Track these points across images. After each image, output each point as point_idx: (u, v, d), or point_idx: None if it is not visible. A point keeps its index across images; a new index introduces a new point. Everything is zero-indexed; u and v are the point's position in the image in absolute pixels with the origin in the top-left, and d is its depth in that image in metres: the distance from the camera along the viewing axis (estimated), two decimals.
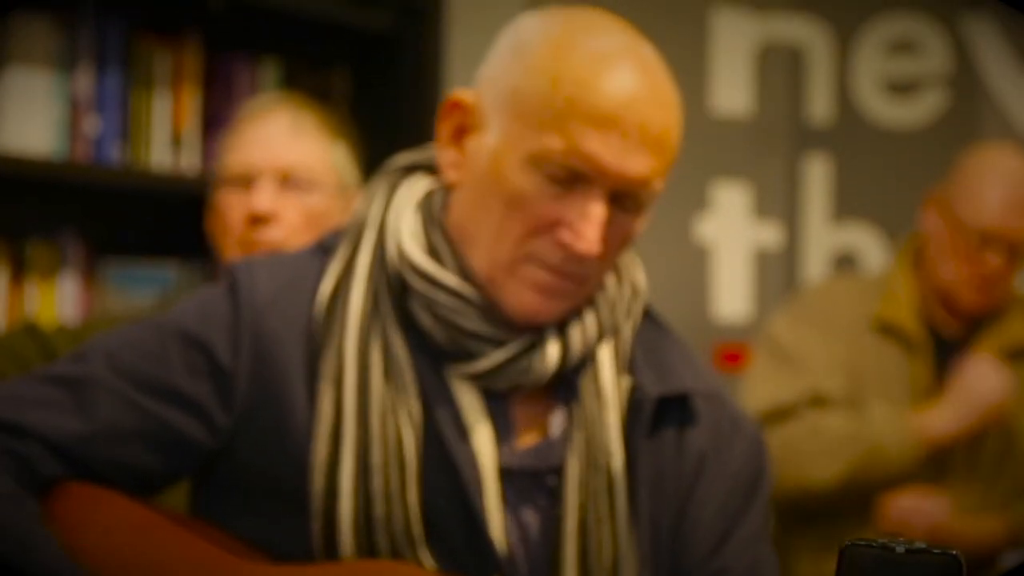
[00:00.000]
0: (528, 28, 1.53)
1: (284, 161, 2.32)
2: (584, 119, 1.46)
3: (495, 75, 1.52)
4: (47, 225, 2.85)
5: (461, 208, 1.54)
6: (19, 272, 2.77)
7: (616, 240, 1.51)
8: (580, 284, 1.52)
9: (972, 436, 2.84)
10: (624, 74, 1.48)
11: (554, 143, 1.46)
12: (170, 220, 3.07)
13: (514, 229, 1.49)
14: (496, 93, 1.51)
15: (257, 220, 2.29)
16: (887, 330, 2.93)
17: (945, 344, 2.94)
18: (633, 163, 1.47)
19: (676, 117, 1.52)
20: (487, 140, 1.51)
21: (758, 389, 2.88)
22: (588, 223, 1.47)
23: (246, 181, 2.31)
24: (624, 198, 1.49)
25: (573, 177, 1.47)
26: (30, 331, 2.35)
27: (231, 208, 2.32)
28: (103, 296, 2.90)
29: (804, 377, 2.88)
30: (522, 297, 1.50)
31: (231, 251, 2.31)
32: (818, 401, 2.86)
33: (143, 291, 2.96)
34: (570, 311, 1.53)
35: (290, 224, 2.29)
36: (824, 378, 2.89)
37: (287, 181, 2.31)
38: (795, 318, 3.00)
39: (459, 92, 1.55)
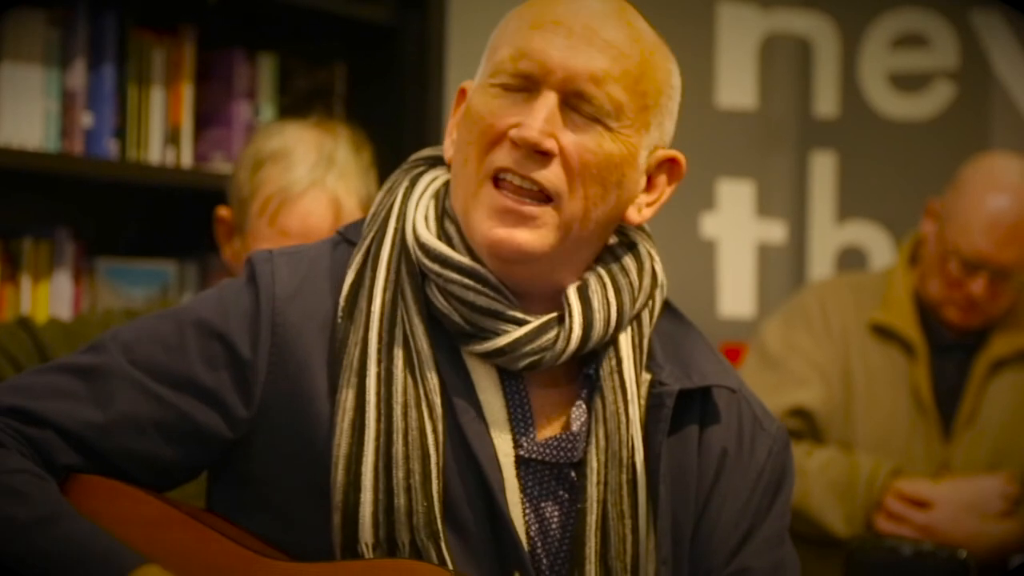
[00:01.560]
0: None
1: None
2: (531, 25, 1.51)
3: None
4: (41, 222, 2.83)
5: (452, 173, 1.56)
6: (13, 269, 2.75)
7: (584, 152, 1.50)
8: (546, 202, 1.50)
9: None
10: None
11: (504, 52, 1.50)
12: (165, 217, 3.06)
13: (475, 148, 1.51)
14: (481, 62, 1.56)
15: None
16: (885, 333, 2.91)
17: (948, 346, 2.90)
18: (579, 58, 1.49)
19: (638, 40, 1.53)
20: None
21: None
22: (534, 114, 1.48)
23: None
24: (579, 101, 1.49)
25: (525, 82, 1.50)
26: (22, 324, 2.35)
27: None
28: (97, 293, 2.89)
29: (786, 387, 2.87)
30: (482, 226, 1.50)
31: None
32: (798, 414, 2.85)
33: (137, 288, 2.95)
34: (552, 249, 1.50)
35: None
36: (807, 387, 2.87)
37: None
38: (786, 323, 2.99)
39: (466, 82, 1.59)
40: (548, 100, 1.48)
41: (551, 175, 1.49)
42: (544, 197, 1.50)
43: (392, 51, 3.17)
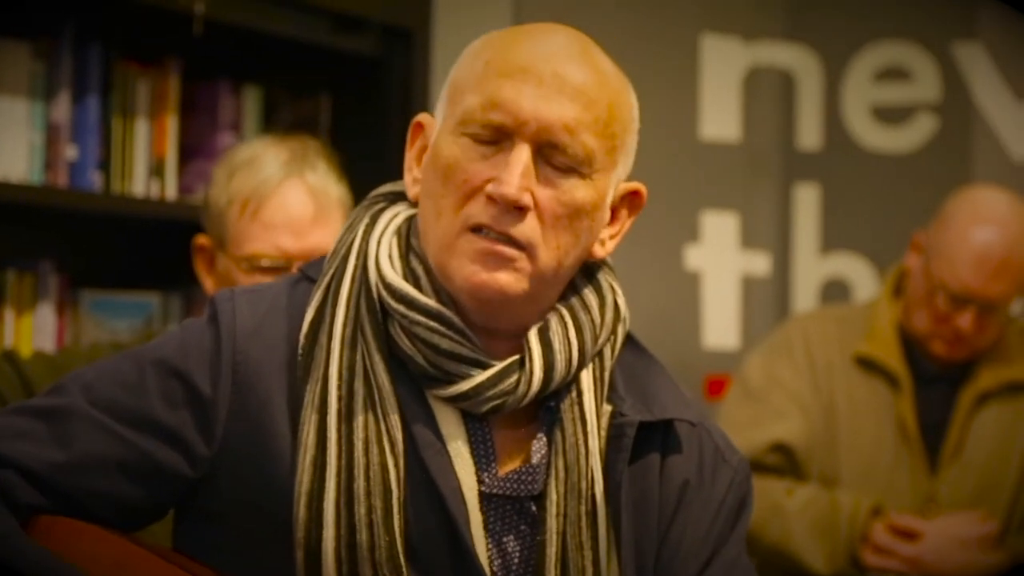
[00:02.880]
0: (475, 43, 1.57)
1: (316, 247, 2.31)
2: (499, 73, 1.49)
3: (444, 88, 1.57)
4: (24, 255, 2.82)
5: (420, 216, 1.55)
6: None
7: (558, 206, 1.50)
8: (522, 250, 1.50)
9: None
10: (544, 35, 1.52)
11: (473, 100, 1.49)
12: (149, 249, 3.05)
13: (450, 200, 1.50)
14: (440, 97, 1.55)
15: None
16: (869, 366, 2.91)
17: (933, 378, 2.91)
18: (550, 108, 1.48)
19: (606, 84, 1.52)
20: (434, 141, 1.54)
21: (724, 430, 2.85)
22: (510, 169, 1.47)
23: (277, 269, 2.31)
24: (552, 151, 1.49)
25: (496, 134, 1.49)
26: (6, 357, 2.35)
27: None
28: (81, 326, 2.88)
29: (766, 420, 2.87)
30: (464, 271, 1.50)
31: None
32: (778, 449, 2.85)
33: (121, 321, 2.94)
34: (526, 293, 1.51)
35: None
36: (787, 421, 2.87)
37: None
38: (768, 356, 2.99)
39: (421, 115, 1.59)
40: (522, 154, 1.48)
41: (527, 229, 1.49)
42: (519, 245, 1.50)
43: (377, 83, 3.17)
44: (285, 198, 2.35)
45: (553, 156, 1.49)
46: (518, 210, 1.48)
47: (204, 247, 2.41)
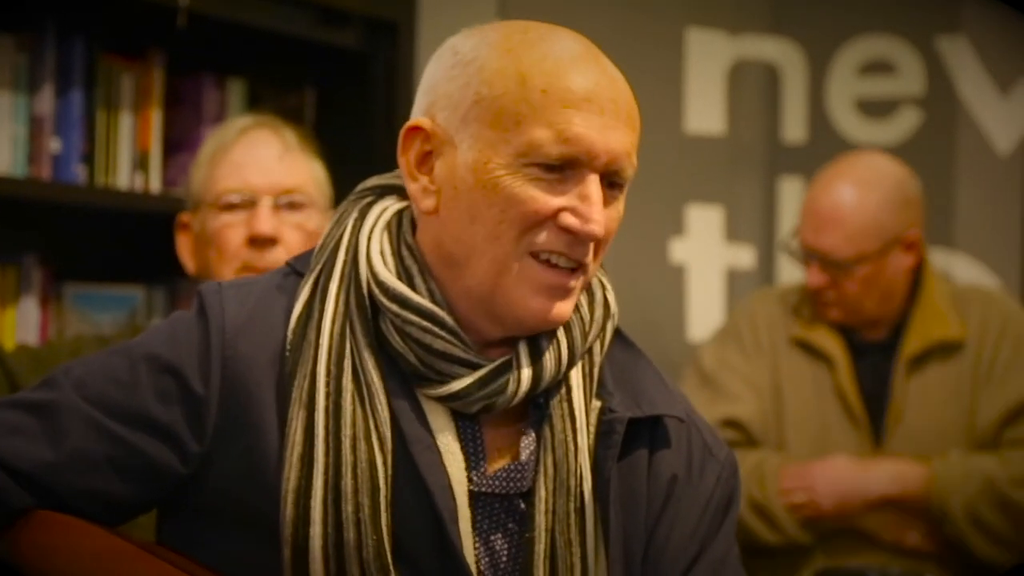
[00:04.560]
0: (467, 44, 1.54)
1: (281, 182, 2.35)
2: (564, 104, 1.48)
3: (447, 94, 1.52)
4: (8, 248, 2.81)
5: (445, 232, 1.53)
6: None
7: (612, 226, 1.53)
8: (582, 276, 1.52)
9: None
10: (584, 60, 1.51)
11: (542, 134, 1.47)
12: (133, 242, 3.04)
13: (512, 228, 1.49)
14: (456, 110, 1.51)
15: (260, 243, 2.32)
16: (804, 346, 2.95)
17: (866, 350, 2.95)
18: (616, 138, 1.49)
19: (635, 101, 1.55)
20: (461, 158, 1.50)
21: None
22: (591, 204, 1.48)
23: (245, 205, 2.33)
24: (612, 176, 1.51)
25: (564, 164, 1.48)
26: None
27: (229, 233, 2.33)
28: (64, 319, 2.88)
29: (720, 402, 2.92)
30: (531, 303, 1.50)
31: (231, 276, 2.32)
32: (733, 424, 2.90)
33: (105, 314, 2.93)
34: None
35: (291, 244, 2.32)
36: (740, 403, 2.92)
37: (284, 202, 2.35)
38: (720, 341, 3.06)
39: (415, 120, 1.55)
40: (596, 186, 1.49)
41: (590, 252, 1.52)
42: (582, 271, 1.53)
43: (362, 76, 3.17)
44: (253, 140, 2.39)
45: (613, 180, 1.52)
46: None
47: (187, 224, 2.42)
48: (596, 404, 1.57)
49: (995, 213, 3.66)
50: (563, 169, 1.48)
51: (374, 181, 1.62)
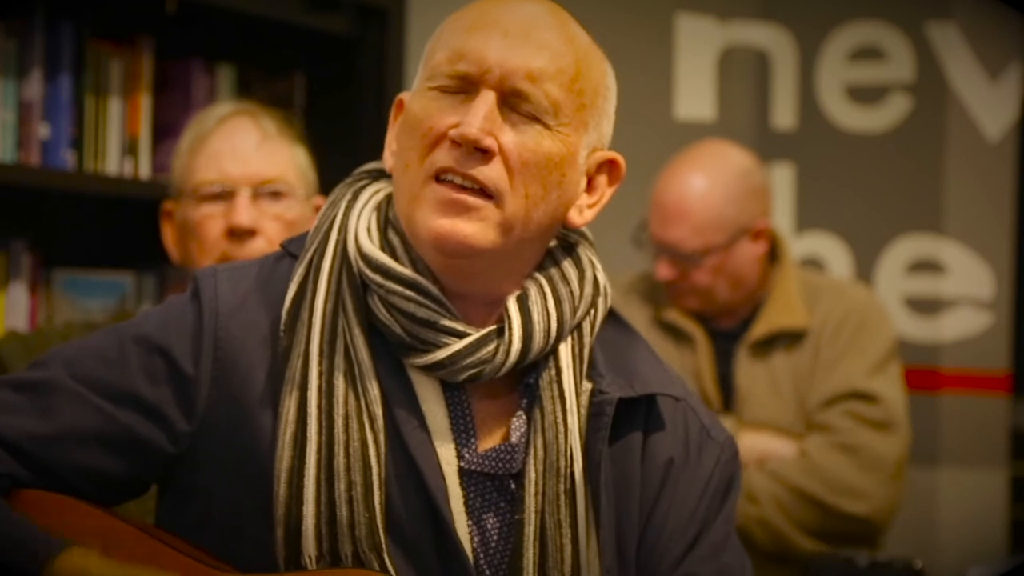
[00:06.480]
0: None
1: (260, 173, 2.33)
2: (466, 27, 1.52)
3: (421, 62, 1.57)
4: None
5: (394, 181, 1.56)
6: None
7: (523, 151, 1.50)
8: (488, 198, 1.50)
9: None
10: (512, 2, 1.53)
11: (440, 56, 1.51)
12: (122, 228, 3.04)
13: (415, 151, 1.51)
14: (418, 74, 1.56)
15: (239, 234, 2.30)
16: (669, 327, 3.00)
17: (721, 335, 3.00)
18: (515, 56, 1.50)
19: (573, 41, 1.54)
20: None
21: None
22: (472, 112, 1.49)
23: (223, 196, 2.32)
24: (517, 100, 1.50)
25: (463, 84, 1.50)
26: None
27: (209, 224, 2.32)
28: (54, 305, 2.87)
29: None
30: (429, 222, 1.50)
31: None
32: None
33: (95, 300, 2.93)
34: (495, 245, 1.51)
35: (271, 235, 2.30)
36: None
37: (263, 192, 2.33)
38: None
39: (404, 94, 1.59)
40: (486, 99, 1.49)
41: (492, 173, 1.49)
42: (486, 194, 1.50)
43: (351, 62, 3.17)
44: (231, 129, 2.38)
45: (518, 104, 1.50)
46: (482, 153, 1.49)
47: (171, 212, 2.41)
48: (587, 386, 1.57)
49: (985, 199, 3.66)
50: (462, 91, 1.50)
51: (370, 166, 1.64)
